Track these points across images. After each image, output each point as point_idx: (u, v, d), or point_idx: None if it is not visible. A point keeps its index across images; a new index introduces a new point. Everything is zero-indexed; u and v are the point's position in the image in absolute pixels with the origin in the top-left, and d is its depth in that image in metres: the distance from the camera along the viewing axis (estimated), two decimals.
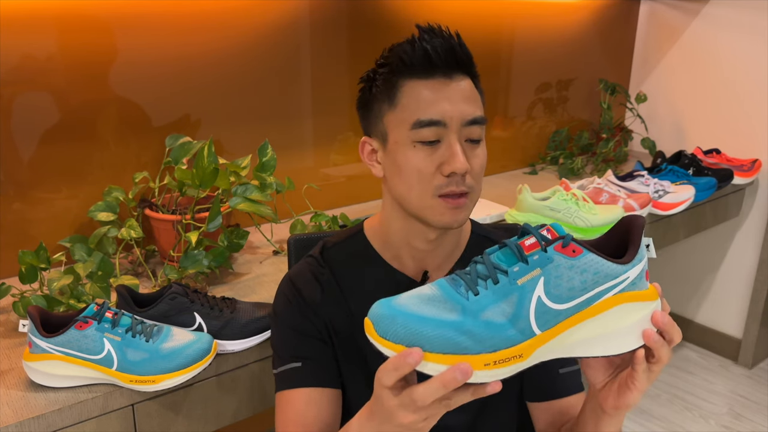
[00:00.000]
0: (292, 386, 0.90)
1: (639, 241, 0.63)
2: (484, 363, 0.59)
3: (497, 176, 2.31)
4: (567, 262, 0.60)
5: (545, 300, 0.60)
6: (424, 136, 0.82)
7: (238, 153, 1.60)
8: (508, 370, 0.60)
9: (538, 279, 0.60)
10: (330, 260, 0.95)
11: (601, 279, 0.61)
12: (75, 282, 1.17)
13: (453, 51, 0.82)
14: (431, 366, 0.59)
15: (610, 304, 0.61)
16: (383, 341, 0.60)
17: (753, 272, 2.47)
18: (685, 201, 1.90)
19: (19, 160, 1.35)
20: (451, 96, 0.82)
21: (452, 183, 0.82)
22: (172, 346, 0.98)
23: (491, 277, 0.62)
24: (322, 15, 1.72)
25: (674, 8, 2.53)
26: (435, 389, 0.59)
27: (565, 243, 0.61)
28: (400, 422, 0.63)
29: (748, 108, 2.36)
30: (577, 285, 0.60)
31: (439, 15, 1.95)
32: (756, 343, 2.48)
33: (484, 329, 0.59)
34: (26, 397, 0.95)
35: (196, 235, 1.28)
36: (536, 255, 0.61)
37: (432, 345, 0.59)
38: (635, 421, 2.19)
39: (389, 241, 0.92)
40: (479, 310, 0.60)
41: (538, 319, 0.60)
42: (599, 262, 0.61)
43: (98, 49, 1.39)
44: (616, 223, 0.67)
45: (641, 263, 0.62)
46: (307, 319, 0.92)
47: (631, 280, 0.62)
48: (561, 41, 2.42)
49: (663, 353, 0.65)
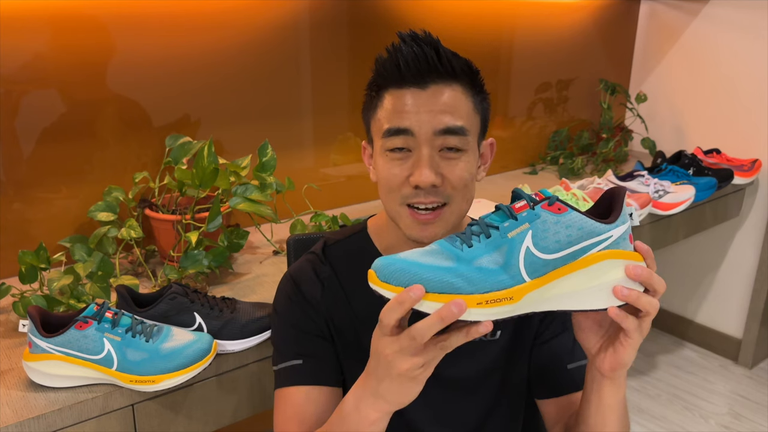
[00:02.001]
0: (292, 383, 0.90)
1: (621, 206, 0.68)
2: (477, 302, 0.64)
3: (497, 176, 2.32)
4: (553, 218, 0.66)
5: (533, 250, 0.65)
6: (393, 144, 0.82)
7: (238, 153, 1.60)
8: (500, 311, 0.65)
9: (526, 232, 0.66)
10: (331, 257, 0.95)
11: (585, 235, 0.65)
12: (75, 282, 1.17)
13: (425, 59, 0.80)
14: (428, 304, 0.64)
15: (595, 259, 0.66)
16: (385, 285, 0.65)
17: (753, 272, 2.47)
18: (685, 201, 1.90)
19: (19, 160, 1.35)
20: (422, 105, 0.81)
21: (420, 194, 0.82)
22: (172, 346, 0.98)
23: (484, 233, 0.68)
24: (322, 15, 1.72)
25: (674, 8, 2.53)
26: (432, 323, 0.63)
27: (551, 202, 0.67)
28: (399, 370, 0.66)
29: (748, 108, 2.36)
30: (563, 239, 0.65)
31: (438, 15, 1.95)
32: (756, 343, 2.48)
33: (477, 273, 0.65)
34: (26, 397, 0.95)
35: (196, 235, 1.28)
36: (525, 213, 0.67)
37: (429, 286, 0.64)
38: (635, 421, 2.19)
39: (390, 240, 0.93)
40: (473, 258, 0.66)
41: (528, 267, 0.65)
42: (584, 219, 0.66)
43: (98, 48, 1.39)
44: (600, 196, 0.73)
45: (624, 225, 0.67)
46: (307, 316, 0.92)
47: (614, 239, 0.66)
48: (561, 41, 2.42)
49: (643, 304, 0.66)
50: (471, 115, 0.84)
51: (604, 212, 0.70)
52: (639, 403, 2.29)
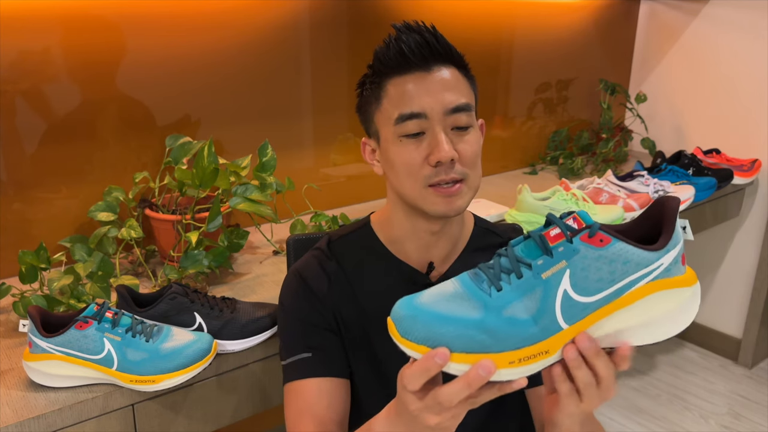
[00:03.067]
0: (303, 376, 0.90)
1: (673, 224, 0.58)
2: (509, 361, 0.57)
3: (497, 176, 2.31)
4: (594, 253, 0.57)
5: (572, 293, 0.57)
6: (408, 130, 0.84)
7: (238, 153, 1.60)
8: (535, 367, 0.59)
9: (563, 272, 0.57)
10: (336, 252, 0.96)
11: (631, 268, 0.57)
12: (75, 282, 1.17)
13: (427, 43, 0.83)
14: (455, 366, 0.58)
15: (642, 293, 0.57)
16: (406, 342, 0.59)
17: (753, 272, 2.47)
18: (685, 201, 1.90)
19: (19, 160, 1.35)
20: (430, 87, 0.84)
21: (441, 172, 0.83)
22: (172, 346, 0.98)
23: (514, 272, 0.59)
24: (322, 15, 1.72)
25: (674, 8, 2.53)
26: (460, 389, 0.58)
27: (592, 233, 0.57)
28: (427, 424, 0.63)
29: (748, 108, 2.36)
30: (605, 276, 0.57)
31: (438, 15, 1.96)
32: (756, 343, 2.48)
33: (507, 327, 0.57)
34: (26, 397, 0.95)
35: (196, 235, 1.28)
36: (561, 246, 0.58)
37: (454, 345, 0.57)
38: (635, 421, 2.20)
39: (394, 233, 0.94)
40: (502, 306, 0.58)
41: (565, 313, 0.58)
42: (629, 250, 0.57)
43: (98, 49, 1.39)
44: (649, 206, 0.63)
45: (676, 248, 0.58)
46: (315, 310, 0.93)
47: (665, 266, 0.57)
48: (561, 41, 2.42)
49: (578, 377, 0.60)
50: (469, 91, 0.88)
51: (653, 226, 0.61)
52: (639, 403, 2.29)
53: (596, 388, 0.61)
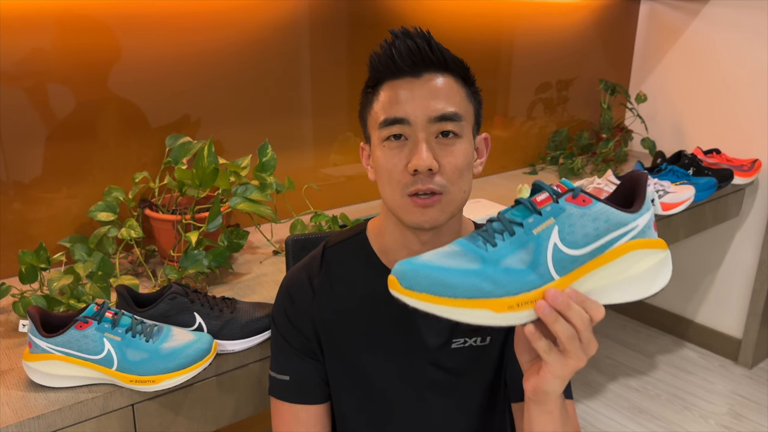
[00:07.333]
0: (282, 398, 0.96)
1: (644, 192, 0.65)
2: (509, 305, 0.62)
3: (497, 176, 2.31)
4: (579, 211, 0.63)
5: (561, 246, 0.63)
6: (389, 133, 0.83)
7: (238, 153, 1.60)
8: (532, 313, 0.63)
9: (552, 227, 0.63)
10: (329, 260, 0.96)
11: (612, 226, 0.63)
12: (75, 282, 1.17)
13: (418, 49, 0.82)
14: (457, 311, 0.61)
15: (623, 250, 0.63)
16: (408, 292, 0.63)
17: (753, 272, 2.47)
18: (685, 201, 1.89)
19: (19, 160, 1.35)
20: (417, 93, 0.82)
21: (418, 181, 0.82)
22: (172, 346, 0.98)
23: (507, 230, 0.65)
24: (322, 15, 1.72)
25: (674, 8, 2.53)
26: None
27: (575, 194, 0.64)
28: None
29: (748, 108, 2.36)
30: (590, 232, 0.63)
31: (438, 15, 1.95)
32: (756, 343, 2.48)
33: (505, 275, 0.62)
34: (26, 397, 0.95)
35: (196, 235, 1.28)
36: (549, 207, 0.64)
37: (457, 291, 0.61)
38: (635, 421, 2.20)
39: (386, 243, 0.93)
40: (498, 258, 0.63)
41: (556, 264, 0.63)
42: (609, 210, 0.63)
43: (98, 48, 1.39)
44: (621, 181, 0.70)
45: (649, 212, 0.65)
46: (296, 330, 0.95)
47: (640, 228, 0.64)
48: (561, 41, 2.42)
49: (557, 331, 0.63)
50: (464, 102, 0.85)
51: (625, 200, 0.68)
52: (639, 403, 2.29)
53: (579, 341, 0.64)
